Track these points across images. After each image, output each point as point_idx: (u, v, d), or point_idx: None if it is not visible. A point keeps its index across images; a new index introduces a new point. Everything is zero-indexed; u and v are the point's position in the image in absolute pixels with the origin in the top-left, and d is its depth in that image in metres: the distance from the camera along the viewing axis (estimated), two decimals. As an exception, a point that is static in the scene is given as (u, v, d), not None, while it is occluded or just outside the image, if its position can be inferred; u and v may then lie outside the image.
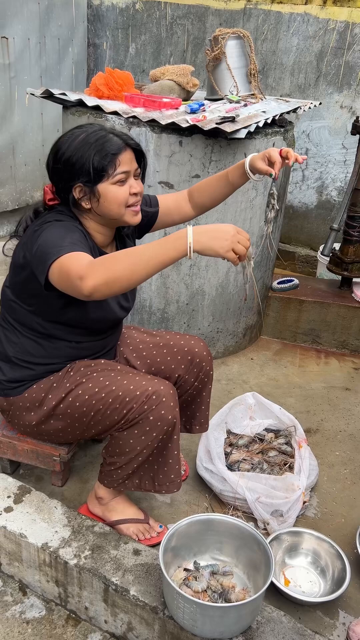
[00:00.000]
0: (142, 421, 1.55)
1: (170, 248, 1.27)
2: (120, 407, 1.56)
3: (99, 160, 1.45)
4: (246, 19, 3.79)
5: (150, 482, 1.68)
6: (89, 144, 1.47)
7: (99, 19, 4.28)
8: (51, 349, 1.66)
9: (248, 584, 1.59)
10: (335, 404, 2.64)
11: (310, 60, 3.71)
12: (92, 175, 1.46)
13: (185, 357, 1.81)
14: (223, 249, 1.27)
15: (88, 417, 1.61)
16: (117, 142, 1.49)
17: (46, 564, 1.66)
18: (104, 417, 1.59)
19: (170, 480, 1.66)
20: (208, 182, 1.77)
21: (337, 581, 1.67)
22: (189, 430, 1.95)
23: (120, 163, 1.49)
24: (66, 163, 1.48)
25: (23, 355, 1.67)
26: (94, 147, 1.46)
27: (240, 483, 1.90)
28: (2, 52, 3.62)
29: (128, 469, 1.64)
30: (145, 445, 1.58)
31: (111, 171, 1.47)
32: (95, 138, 1.48)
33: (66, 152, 1.48)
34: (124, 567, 1.60)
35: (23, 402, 1.68)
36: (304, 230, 4.14)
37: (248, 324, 2.94)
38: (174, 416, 1.56)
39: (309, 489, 2.02)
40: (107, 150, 1.46)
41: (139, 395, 1.54)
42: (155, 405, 1.54)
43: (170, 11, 4.01)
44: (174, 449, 1.63)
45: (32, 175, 4.13)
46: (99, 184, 1.48)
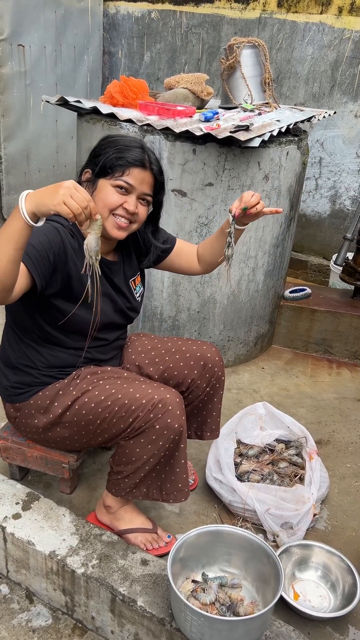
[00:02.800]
0: (148, 430, 1.54)
1: (13, 219, 1.19)
2: (126, 415, 1.55)
3: (113, 159, 1.50)
4: (261, 28, 3.80)
5: (157, 491, 1.67)
6: (117, 143, 1.53)
7: (114, 27, 4.31)
8: (50, 356, 1.66)
9: (257, 597, 1.57)
10: (347, 415, 2.61)
11: (324, 70, 3.71)
12: (99, 167, 1.51)
13: (198, 362, 1.81)
14: (53, 202, 1.16)
15: (94, 425, 1.60)
16: (140, 157, 1.52)
17: (53, 572, 1.65)
18: (110, 425, 1.58)
19: (177, 489, 1.64)
20: (208, 239, 1.82)
21: (348, 596, 1.64)
22: (200, 437, 1.94)
23: (130, 174, 1.51)
24: (93, 148, 1.57)
25: (25, 360, 1.67)
26: (118, 148, 1.52)
27: (250, 494, 1.88)
28: (18, 60, 3.65)
29: (135, 478, 1.63)
30: (152, 454, 1.57)
31: (117, 174, 1.50)
32: (126, 144, 1.53)
33: (102, 140, 1.57)
34: (131, 577, 1.58)
35: (29, 409, 1.68)
36: (316, 239, 4.12)
37: (259, 332, 2.93)
38: (180, 425, 1.54)
39: (319, 501, 1.99)
40: (125, 155, 1.51)
41: (144, 404, 1.54)
42: (161, 414, 1.53)
43: (185, 20, 4.03)
44: (181, 458, 1.61)
45: (46, 182, 4.15)
46: (101, 177, 1.52)
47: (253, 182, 2.43)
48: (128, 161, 1.50)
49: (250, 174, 2.41)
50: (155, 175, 1.56)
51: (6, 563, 1.76)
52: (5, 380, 1.72)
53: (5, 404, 1.76)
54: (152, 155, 1.55)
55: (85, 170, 1.55)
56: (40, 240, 1.41)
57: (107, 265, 1.66)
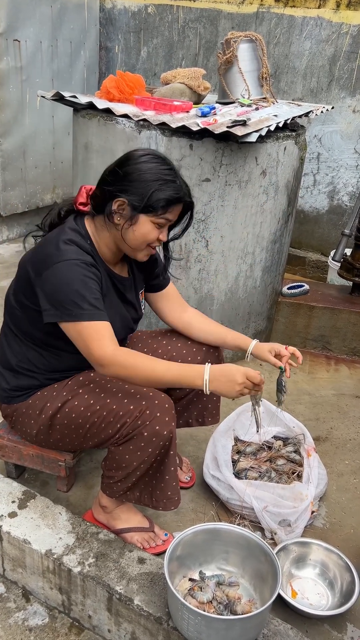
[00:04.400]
0: (136, 437, 1.51)
1: (189, 379, 1.48)
2: (114, 420, 1.52)
3: (158, 197, 1.46)
4: (259, 22, 3.77)
5: (148, 498, 1.65)
6: (158, 175, 1.46)
7: (111, 22, 4.28)
8: (53, 359, 1.64)
9: (254, 595, 1.56)
10: (345, 412, 2.60)
11: (322, 64, 3.68)
12: (144, 203, 1.46)
13: (200, 348, 1.82)
14: (231, 395, 1.50)
15: (84, 429, 1.58)
16: (180, 193, 1.50)
17: (50, 571, 1.64)
18: (99, 430, 1.56)
19: (167, 497, 1.62)
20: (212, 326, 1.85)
21: (346, 594, 1.64)
22: (201, 423, 1.93)
23: (171, 212, 1.51)
24: (127, 175, 1.47)
25: (26, 364, 1.65)
26: (160, 182, 1.46)
27: (248, 491, 1.87)
28: (14, 55, 3.62)
29: (127, 483, 1.62)
30: (142, 460, 1.54)
31: (159, 212, 1.48)
32: (166, 176, 1.47)
33: (134, 166, 1.48)
34: (128, 576, 1.57)
35: (26, 409, 1.66)
36: (314, 235, 4.11)
37: (257, 329, 2.91)
38: (169, 431, 1.51)
39: (317, 499, 1.99)
40: (169, 194, 1.47)
41: (132, 410, 1.51)
42: (149, 421, 1.49)
43: (182, 14, 4.01)
44: (171, 465, 1.59)
45: (42, 178, 4.13)
46: (143, 213, 1.48)
47: (250, 177, 2.42)
48: (171, 200, 1.48)
49: (248, 169, 2.39)
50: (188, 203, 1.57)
51: (2, 562, 1.75)
52: (4, 382, 1.69)
53: (1, 404, 1.75)
54: (185, 185, 1.53)
55: (119, 199, 1.47)
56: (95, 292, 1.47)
57: (121, 282, 1.66)
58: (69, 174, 4.17)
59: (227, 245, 2.51)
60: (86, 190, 1.59)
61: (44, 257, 1.48)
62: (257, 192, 2.47)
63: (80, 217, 1.58)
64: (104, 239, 1.56)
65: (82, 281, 1.44)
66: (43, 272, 1.46)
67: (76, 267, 1.44)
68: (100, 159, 2.47)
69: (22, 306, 1.59)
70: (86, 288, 1.44)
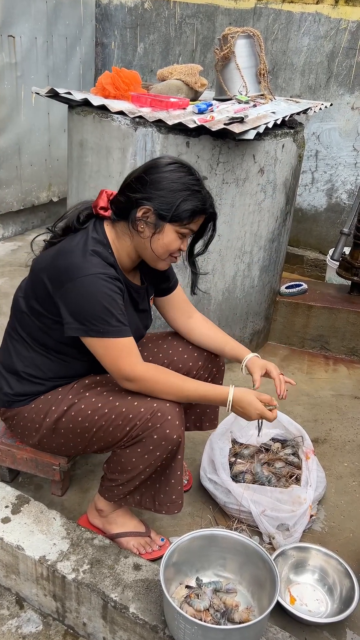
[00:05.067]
0: (145, 439, 1.49)
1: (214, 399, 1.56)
2: (123, 423, 1.50)
3: (185, 208, 1.45)
4: (256, 18, 3.73)
5: (150, 501, 1.62)
6: (185, 186, 1.45)
7: (107, 18, 4.24)
8: (63, 365, 1.60)
9: (252, 603, 1.53)
10: (344, 413, 2.58)
11: (321, 61, 3.65)
12: (172, 213, 1.44)
13: (201, 353, 1.80)
14: (250, 419, 1.59)
15: (90, 432, 1.55)
16: (206, 204, 1.49)
17: (44, 578, 1.61)
18: (107, 433, 1.53)
19: (171, 500, 1.59)
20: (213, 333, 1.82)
21: (345, 600, 1.61)
22: (198, 428, 1.92)
23: (195, 222, 1.51)
24: (154, 183, 1.45)
25: (33, 370, 1.61)
26: (187, 193, 1.45)
27: (245, 495, 1.84)
28: (8, 51, 3.58)
29: (129, 486, 1.59)
30: (148, 464, 1.52)
31: (185, 222, 1.48)
32: (193, 186, 1.46)
33: (161, 174, 1.46)
34: (123, 583, 1.54)
35: (29, 413, 1.62)
36: (312, 234, 4.08)
37: (255, 329, 2.88)
38: (179, 435, 1.49)
39: (316, 502, 1.96)
40: (196, 205, 1.46)
41: (143, 412, 1.48)
42: (159, 424, 1.47)
43: (179, 10, 3.96)
44: (177, 469, 1.56)
45: (38, 176, 4.09)
46: (168, 222, 1.46)
47: (248, 175, 2.38)
48: (197, 211, 1.47)
49: (245, 167, 2.36)
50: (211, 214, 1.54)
51: (-5, 568, 1.72)
52: (6, 387, 1.64)
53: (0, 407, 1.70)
54: (209, 196, 1.51)
55: (143, 207, 1.45)
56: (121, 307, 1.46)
57: (137, 291, 1.64)
58: (64, 171, 4.14)
59: (224, 244, 2.48)
60: (107, 194, 1.56)
61: (66, 267, 1.43)
62: (255, 190, 2.43)
63: (100, 222, 1.55)
64: (125, 247, 1.53)
65: (109, 296, 1.42)
66: (66, 283, 1.42)
67: (103, 282, 1.42)
68: (96, 156, 2.43)
69: (35, 313, 1.55)
70: (113, 304, 1.43)
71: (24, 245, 4.06)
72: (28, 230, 4.32)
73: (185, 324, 1.82)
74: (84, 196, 2.55)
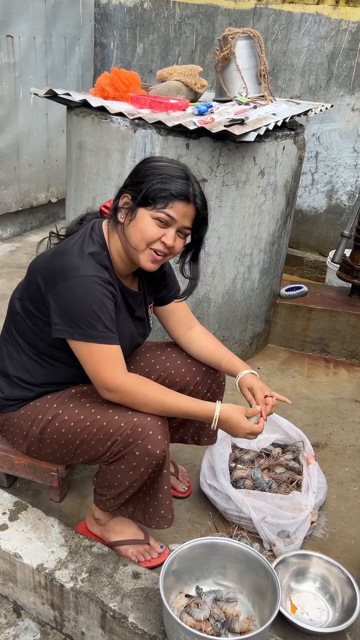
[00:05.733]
0: (127, 456, 1.45)
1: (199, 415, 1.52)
2: (105, 438, 1.46)
3: (155, 189, 1.39)
4: (256, 18, 3.71)
5: (141, 515, 1.59)
6: (161, 170, 1.41)
7: (106, 18, 4.21)
8: (53, 371, 1.57)
9: (253, 612, 1.51)
10: (345, 417, 2.56)
11: (321, 62, 3.63)
12: (141, 195, 1.40)
13: (200, 368, 1.76)
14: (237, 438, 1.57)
15: (74, 445, 1.52)
16: (185, 190, 1.41)
17: (41, 586, 1.59)
18: (89, 447, 1.49)
19: (160, 515, 1.56)
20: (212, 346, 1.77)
21: (347, 609, 1.59)
22: (196, 442, 1.87)
23: (173, 207, 1.41)
24: (135, 171, 1.45)
25: (23, 374, 1.58)
26: (162, 177, 1.40)
27: (246, 501, 1.82)
28: (7, 51, 3.55)
29: (120, 500, 1.56)
30: (134, 479, 1.48)
31: (159, 206, 1.40)
32: (171, 172, 1.41)
33: (144, 163, 1.45)
34: (122, 592, 1.52)
35: (17, 419, 1.60)
36: (312, 235, 4.06)
37: (255, 332, 2.86)
38: (162, 450, 1.45)
39: (317, 508, 1.94)
40: (169, 186, 1.40)
41: (123, 427, 1.44)
42: (140, 440, 1.43)
43: (179, 10, 3.94)
44: (164, 484, 1.52)
45: (36, 177, 4.07)
46: (141, 207, 1.41)
47: (248, 177, 2.36)
48: (172, 194, 1.39)
49: (246, 169, 2.34)
50: (199, 209, 1.46)
51: (-8, 576, 1.70)
52: None
53: None
54: (197, 188, 1.45)
55: (124, 195, 1.44)
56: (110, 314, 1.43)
57: (133, 297, 1.59)
58: (63, 172, 4.11)
59: (224, 246, 2.46)
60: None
61: (60, 267, 1.41)
62: (255, 192, 2.41)
63: (100, 220, 1.54)
64: (115, 244, 1.50)
65: (99, 300, 1.39)
66: (58, 282, 1.39)
67: (95, 285, 1.38)
68: (95, 158, 2.41)
69: (28, 314, 1.52)
70: (102, 308, 1.39)
71: (22, 246, 4.04)
72: (26, 232, 4.29)
73: (184, 335, 1.77)
74: (82, 198, 2.53)
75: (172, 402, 1.48)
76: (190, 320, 1.79)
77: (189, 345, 1.77)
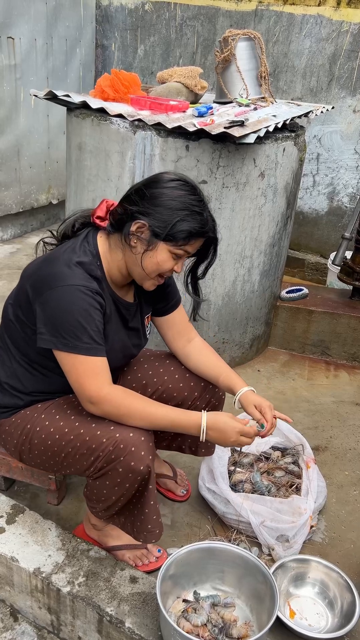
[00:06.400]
0: (110, 472, 1.42)
1: (186, 425, 1.47)
2: (87, 453, 1.43)
3: (181, 228, 1.38)
4: (257, 20, 3.70)
5: (130, 528, 1.56)
6: (184, 205, 1.39)
7: (107, 19, 4.21)
8: (43, 380, 1.55)
9: (251, 617, 1.50)
10: (345, 420, 2.54)
11: (322, 63, 3.62)
12: (167, 231, 1.38)
13: (199, 383, 1.72)
14: (225, 446, 1.54)
15: (60, 457, 1.49)
16: (205, 227, 1.42)
17: (38, 590, 1.58)
18: (74, 460, 1.47)
19: (147, 530, 1.53)
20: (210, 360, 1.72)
21: (346, 614, 1.57)
22: (194, 453, 1.83)
23: (192, 244, 1.43)
24: (153, 198, 1.39)
25: (13, 381, 1.56)
26: (186, 213, 1.38)
27: (245, 505, 1.81)
28: (7, 53, 3.55)
29: (110, 512, 1.54)
30: (120, 494, 1.46)
31: (180, 243, 1.40)
32: (193, 206, 1.40)
33: (161, 189, 1.40)
34: (119, 596, 1.51)
35: (9, 427, 1.58)
36: (314, 237, 4.05)
37: (255, 334, 2.85)
38: (146, 466, 1.40)
39: (316, 512, 1.92)
40: (193, 225, 1.39)
41: (105, 443, 1.41)
42: (123, 456, 1.39)
43: (180, 12, 3.94)
44: (150, 499, 1.49)
45: (37, 178, 4.06)
46: (163, 241, 1.40)
47: (248, 179, 2.35)
48: (193, 232, 1.40)
49: (246, 171, 2.33)
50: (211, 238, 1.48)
51: (-11, 579, 1.69)
52: None
53: None
54: (210, 217, 1.45)
55: (139, 221, 1.39)
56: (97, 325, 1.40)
57: (126, 307, 1.57)
58: (64, 173, 4.11)
59: (224, 248, 2.45)
60: (107, 205, 1.51)
61: (47, 275, 1.39)
62: (255, 194, 2.40)
63: (94, 231, 1.50)
64: (116, 260, 1.47)
65: (85, 311, 1.36)
66: (45, 291, 1.37)
67: (81, 294, 1.36)
68: (94, 159, 2.40)
69: (19, 321, 1.50)
70: (88, 319, 1.36)
71: (22, 247, 4.03)
72: (27, 233, 4.29)
73: (182, 347, 1.74)
74: (82, 200, 2.52)
75: (158, 413, 1.44)
76: (189, 333, 1.75)
77: (187, 359, 1.73)
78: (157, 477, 1.99)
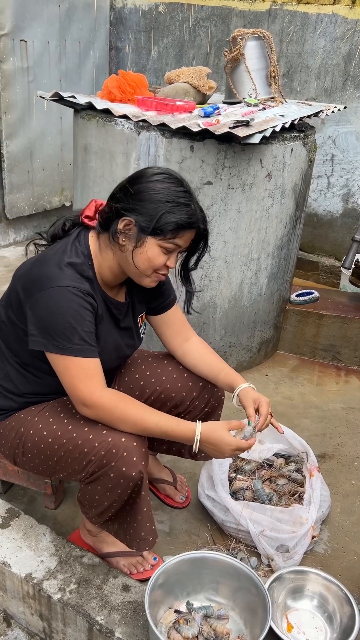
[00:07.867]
0: (102, 477, 1.39)
1: (179, 435, 1.44)
2: (80, 457, 1.41)
3: (167, 220, 1.35)
4: (271, 20, 3.65)
5: (123, 535, 1.53)
6: (170, 197, 1.35)
7: (121, 21, 4.20)
8: (35, 381, 1.53)
9: (244, 631, 1.45)
10: (354, 427, 2.48)
11: (337, 63, 3.55)
12: (152, 225, 1.35)
13: (197, 383, 1.69)
14: (222, 458, 1.53)
15: (52, 460, 1.47)
16: (192, 219, 1.38)
17: (30, 596, 1.56)
18: (67, 464, 1.44)
19: (140, 537, 1.49)
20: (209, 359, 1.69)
21: (345, 629, 1.52)
22: (193, 457, 1.80)
23: (181, 237, 1.40)
24: (137, 193, 1.36)
25: (6, 383, 1.55)
26: (172, 204, 1.35)
27: (244, 514, 1.76)
28: (20, 56, 3.57)
29: (103, 517, 1.51)
30: (112, 500, 1.43)
31: (168, 237, 1.37)
32: (179, 198, 1.36)
33: (146, 184, 1.37)
34: (110, 605, 1.48)
35: (3, 430, 1.56)
36: (328, 239, 3.97)
37: (263, 338, 2.80)
38: (139, 472, 1.38)
39: (319, 522, 1.87)
40: (180, 217, 1.36)
41: (97, 448, 1.38)
42: (114, 462, 1.36)
43: (193, 13, 3.91)
44: (143, 506, 1.45)
45: (50, 180, 4.07)
46: (150, 236, 1.37)
47: (255, 180, 2.31)
48: (181, 225, 1.36)
49: (252, 172, 2.28)
50: (201, 231, 1.45)
51: (-17, 584, 1.68)
52: None
53: None
54: (198, 208, 1.41)
55: (125, 218, 1.36)
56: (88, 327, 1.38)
57: (117, 307, 1.54)
58: (76, 176, 4.10)
59: (230, 251, 2.41)
60: (96, 204, 1.49)
61: (38, 277, 1.37)
62: (262, 195, 2.36)
63: (85, 231, 1.48)
64: (107, 260, 1.45)
65: (76, 312, 1.34)
66: (35, 293, 1.35)
67: (71, 296, 1.34)
68: (100, 161, 2.39)
69: (12, 322, 1.49)
70: (79, 320, 1.34)
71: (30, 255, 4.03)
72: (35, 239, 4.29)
73: (180, 346, 1.70)
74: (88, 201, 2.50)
75: (151, 420, 1.41)
76: (187, 331, 1.72)
77: (185, 357, 1.70)
78: (156, 483, 1.96)
